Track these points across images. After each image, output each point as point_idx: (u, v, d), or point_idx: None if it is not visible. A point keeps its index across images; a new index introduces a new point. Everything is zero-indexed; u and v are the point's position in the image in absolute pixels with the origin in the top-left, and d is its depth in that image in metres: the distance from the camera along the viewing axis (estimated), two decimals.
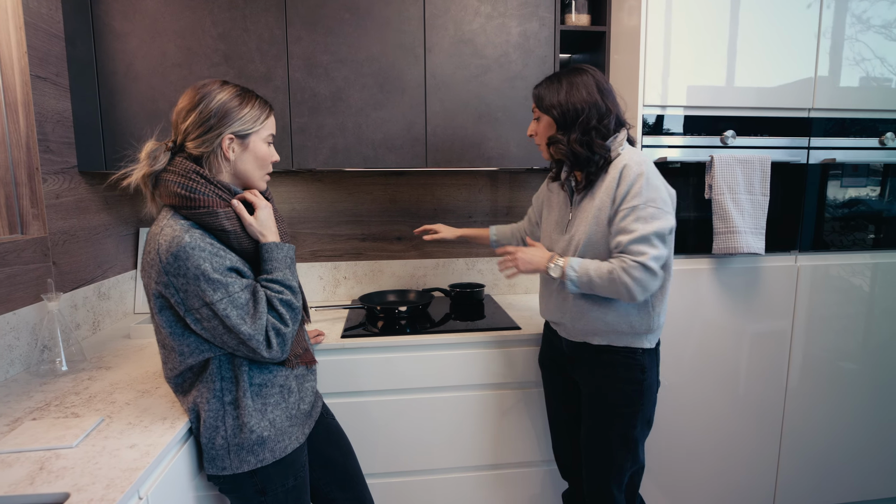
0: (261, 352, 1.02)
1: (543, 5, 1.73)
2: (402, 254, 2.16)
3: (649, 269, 1.18)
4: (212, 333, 1.00)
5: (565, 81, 1.27)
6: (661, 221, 1.20)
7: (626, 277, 1.18)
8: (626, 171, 1.22)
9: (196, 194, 1.00)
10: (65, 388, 1.24)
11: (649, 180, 1.21)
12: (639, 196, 1.20)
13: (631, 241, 1.19)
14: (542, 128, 1.33)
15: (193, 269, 0.95)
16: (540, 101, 1.31)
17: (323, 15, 1.65)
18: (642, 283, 1.18)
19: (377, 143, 1.72)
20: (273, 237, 1.09)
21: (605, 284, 1.21)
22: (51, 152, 1.49)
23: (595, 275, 1.22)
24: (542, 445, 1.70)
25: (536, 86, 1.34)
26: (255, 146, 1.08)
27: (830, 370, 1.82)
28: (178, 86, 1.62)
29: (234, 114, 1.04)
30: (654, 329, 1.30)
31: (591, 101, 1.24)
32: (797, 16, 1.65)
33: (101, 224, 1.75)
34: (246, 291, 1.01)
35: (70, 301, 1.55)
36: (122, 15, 1.59)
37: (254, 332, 1.00)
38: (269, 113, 1.10)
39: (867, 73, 1.71)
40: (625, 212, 1.22)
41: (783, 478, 1.85)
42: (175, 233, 0.97)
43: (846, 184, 1.77)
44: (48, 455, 0.94)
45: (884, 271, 1.80)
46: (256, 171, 1.10)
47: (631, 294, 1.19)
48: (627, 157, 1.25)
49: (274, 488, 1.08)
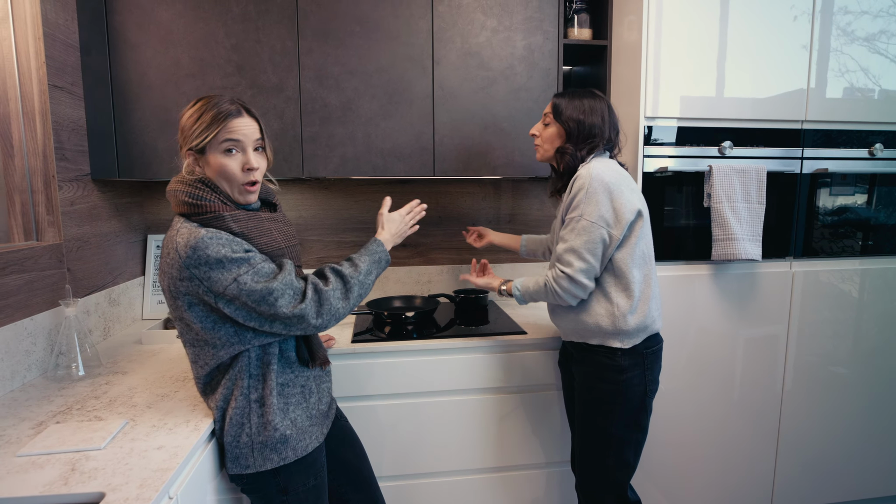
0: (293, 309, 1.02)
1: (547, 20, 1.79)
2: (407, 260, 2.20)
3: (574, 280, 1.32)
4: (245, 309, 1.01)
5: (587, 102, 1.38)
6: (590, 235, 1.30)
7: (556, 286, 1.35)
8: (576, 181, 1.33)
9: (201, 201, 1.04)
10: (84, 393, 1.26)
11: (590, 194, 1.30)
12: (577, 208, 1.31)
13: (563, 251, 1.33)
14: (548, 133, 1.44)
15: (214, 255, 0.98)
16: (559, 111, 1.40)
17: (334, 28, 1.69)
18: (569, 292, 1.34)
19: (386, 152, 1.76)
20: (387, 235, 1.22)
21: (541, 293, 1.41)
22: (66, 160, 1.51)
23: (533, 287, 1.43)
24: (547, 447, 1.74)
25: (558, 95, 1.43)
26: (211, 159, 1.05)
27: (823, 375, 1.88)
28: (190, 96, 1.65)
29: (187, 130, 1.06)
30: (625, 330, 1.35)
31: (601, 126, 1.38)
32: (785, 28, 1.71)
33: (112, 231, 1.77)
34: (269, 263, 1.05)
35: (83, 307, 1.57)
36: (136, 26, 1.62)
37: (281, 287, 1.01)
38: (223, 120, 1.03)
39: (851, 84, 1.78)
40: (566, 221, 1.34)
41: (780, 479, 1.90)
42: (191, 232, 1.01)
43: (835, 192, 1.84)
44: (78, 456, 0.96)
45: (872, 277, 1.87)
46: (223, 183, 1.06)
47: (561, 299, 1.36)
48: (584, 170, 1.34)
49: (295, 487, 1.10)
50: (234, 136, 1.04)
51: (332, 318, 1.08)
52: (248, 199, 1.09)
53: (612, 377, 1.37)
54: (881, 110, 1.81)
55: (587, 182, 1.30)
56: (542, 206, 2.25)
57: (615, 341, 1.37)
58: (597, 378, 1.39)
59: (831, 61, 1.76)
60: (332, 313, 1.08)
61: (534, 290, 1.43)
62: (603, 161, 1.37)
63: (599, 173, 1.31)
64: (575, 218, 1.31)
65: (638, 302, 1.35)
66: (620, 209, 1.31)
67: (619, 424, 1.38)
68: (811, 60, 1.74)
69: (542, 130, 1.45)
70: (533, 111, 1.81)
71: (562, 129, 1.40)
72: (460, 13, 1.74)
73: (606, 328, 1.36)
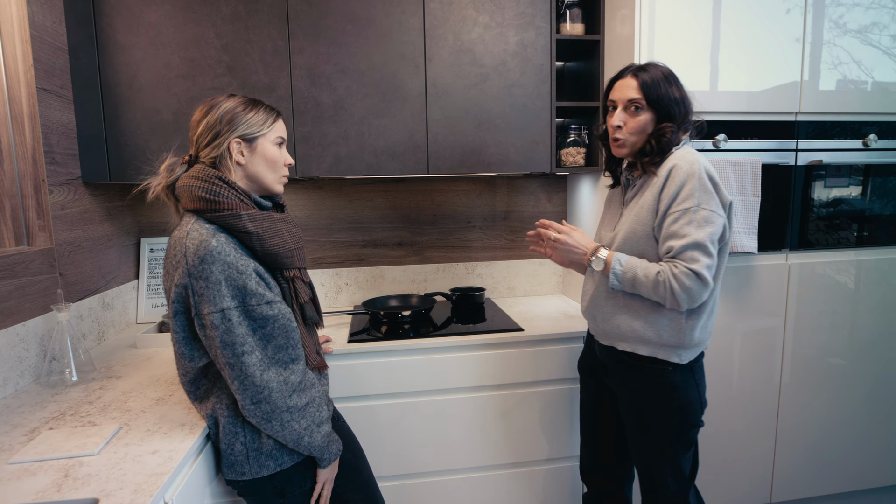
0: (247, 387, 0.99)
1: (539, 15, 1.78)
2: (402, 259, 2.19)
3: (701, 277, 1.12)
4: (209, 343, 1.00)
5: (665, 70, 1.23)
6: (713, 226, 1.15)
7: (675, 283, 1.13)
8: (676, 171, 1.18)
9: (220, 197, 1.02)
10: (77, 398, 1.25)
11: (702, 182, 1.16)
12: (690, 198, 1.15)
13: (684, 247, 1.13)
14: (640, 121, 1.23)
15: (217, 274, 0.97)
16: (653, 90, 1.20)
17: (325, 26, 1.68)
18: (690, 293, 1.13)
19: (379, 150, 1.75)
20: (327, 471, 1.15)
21: (649, 285, 1.16)
22: (56, 164, 1.50)
23: (641, 273, 1.17)
24: (548, 444, 1.74)
25: (636, 73, 1.23)
26: (264, 148, 1.10)
27: (821, 366, 1.88)
28: (182, 97, 1.64)
29: (240, 118, 1.07)
30: (685, 344, 1.22)
31: (683, 95, 1.23)
32: (778, 21, 1.71)
33: (104, 235, 1.76)
34: (264, 306, 1.02)
35: (76, 312, 1.55)
36: (125, 27, 1.60)
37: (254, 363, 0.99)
38: (276, 117, 1.13)
39: (844, 76, 1.78)
40: (676, 214, 1.16)
41: (779, 470, 1.90)
42: (202, 237, 0.99)
43: (830, 184, 1.84)
44: (71, 463, 0.95)
45: (867, 268, 1.87)
46: (269, 173, 1.12)
47: (676, 301, 1.15)
48: (678, 157, 1.20)
49: (293, 490, 1.09)
50: (283, 134, 1.15)
51: (273, 412, 1.02)
52: (281, 190, 1.18)
53: (664, 394, 1.24)
54: (874, 101, 1.81)
55: (694, 168, 1.16)
56: (537, 202, 2.25)
57: (672, 355, 1.23)
58: (646, 395, 1.26)
59: (824, 53, 1.76)
60: (274, 408, 1.02)
61: (642, 279, 1.17)
62: (686, 147, 1.25)
63: (698, 159, 1.18)
64: (690, 209, 1.14)
65: (710, 313, 1.23)
66: (724, 201, 1.19)
67: (676, 442, 1.27)
68: (804, 53, 1.74)
69: (631, 120, 1.24)
70: (527, 107, 1.80)
71: (655, 114, 1.22)
72: (452, 10, 1.73)
73: (667, 339, 1.22)
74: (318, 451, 1.08)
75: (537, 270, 2.27)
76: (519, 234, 2.25)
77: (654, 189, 1.21)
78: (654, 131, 1.23)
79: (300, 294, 1.13)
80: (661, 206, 1.19)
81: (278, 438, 1.04)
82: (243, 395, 1.00)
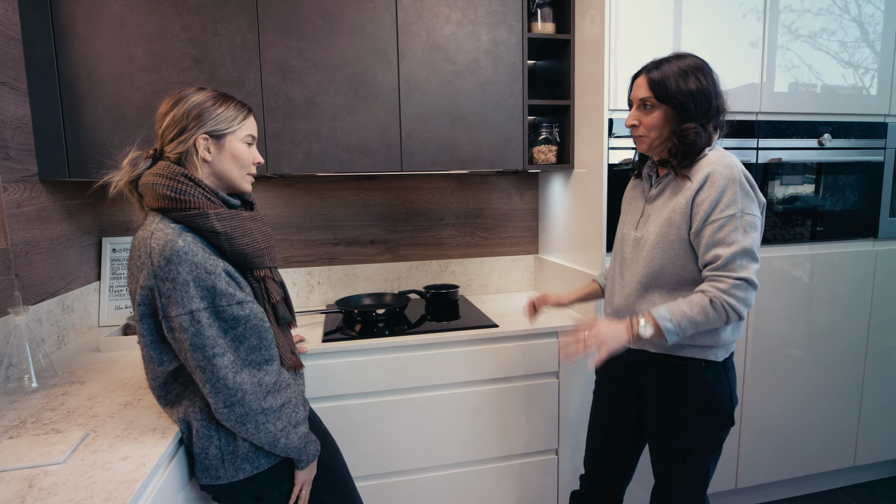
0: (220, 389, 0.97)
1: (511, 13, 1.79)
2: (375, 257, 2.17)
3: (752, 284, 1.11)
4: (179, 346, 0.98)
5: (684, 63, 1.19)
6: (757, 231, 1.14)
7: (731, 299, 1.10)
8: (714, 176, 1.15)
9: (186, 196, 0.99)
10: (38, 405, 1.19)
11: (742, 186, 1.15)
12: (733, 204, 1.13)
13: (734, 255, 1.11)
14: (653, 119, 1.21)
15: (184, 276, 0.95)
16: (662, 87, 1.18)
17: (295, 20, 1.65)
18: (747, 302, 1.12)
19: (352, 147, 1.73)
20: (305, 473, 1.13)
21: (708, 318, 1.12)
22: (10, 160, 1.42)
23: (689, 311, 1.12)
24: (522, 439, 1.76)
25: (647, 71, 1.22)
26: (233, 146, 1.07)
27: (780, 357, 1.97)
28: (146, 91, 1.58)
29: (208, 114, 1.04)
30: (720, 343, 1.22)
31: (715, 90, 1.20)
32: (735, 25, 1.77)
33: (64, 234, 1.68)
34: (237, 307, 1.00)
35: (34, 315, 1.48)
36: (84, 17, 1.53)
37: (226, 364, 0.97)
38: (247, 114, 1.10)
39: (797, 79, 1.87)
40: (721, 221, 1.13)
41: (744, 459, 1.98)
42: (168, 237, 0.95)
43: (786, 182, 1.92)
44: (35, 472, 0.90)
45: (820, 262, 1.97)
46: (235, 170, 1.09)
47: (739, 315, 1.12)
48: (715, 161, 1.17)
49: (270, 493, 1.08)
50: (254, 132, 1.12)
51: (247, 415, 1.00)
52: (249, 188, 1.13)
53: (697, 393, 1.22)
54: (825, 103, 1.90)
55: (733, 173, 1.14)
56: (509, 199, 2.27)
57: (709, 353, 1.21)
58: (680, 396, 1.24)
59: (778, 57, 1.84)
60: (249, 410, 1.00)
61: (694, 315, 1.12)
62: (719, 149, 1.23)
63: (735, 163, 1.17)
64: (735, 215, 1.12)
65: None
66: (761, 202, 1.19)
67: (709, 445, 1.26)
68: (764, 55, 1.81)
69: (643, 117, 1.23)
70: (499, 105, 1.81)
71: (670, 110, 1.19)
72: (424, 6, 1.73)
73: (702, 341, 1.20)
74: (295, 452, 1.07)
75: (510, 267, 2.29)
76: (491, 232, 2.27)
77: (687, 193, 1.18)
78: (678, 132, 1.20)
79: (272, 294, 1.11)
80: (698, 211, 1.16)
81: (254, 441, 1.02)
82: (216, 399, 0.98)
